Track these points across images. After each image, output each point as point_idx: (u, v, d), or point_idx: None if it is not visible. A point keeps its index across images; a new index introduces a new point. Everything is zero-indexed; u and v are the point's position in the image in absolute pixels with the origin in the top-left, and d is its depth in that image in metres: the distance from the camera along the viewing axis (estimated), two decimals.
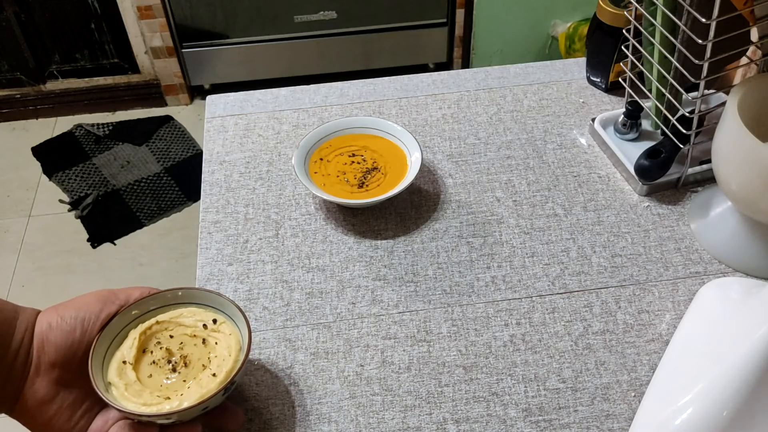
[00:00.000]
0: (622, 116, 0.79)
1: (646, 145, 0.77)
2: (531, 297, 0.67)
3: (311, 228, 0.74)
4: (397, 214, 0.75)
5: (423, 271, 0.70)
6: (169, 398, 0.53)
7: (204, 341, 0.57)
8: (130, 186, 1.95)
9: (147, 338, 0.57)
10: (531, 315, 0.66)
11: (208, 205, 0.77)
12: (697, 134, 0.72)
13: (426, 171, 0.79)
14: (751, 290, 0.60)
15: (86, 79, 2.12)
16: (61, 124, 2.14)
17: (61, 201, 1.92)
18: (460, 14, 2.00)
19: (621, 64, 0.80)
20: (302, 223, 0.74)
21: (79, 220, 1.88)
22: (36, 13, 1.96)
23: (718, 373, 0.53)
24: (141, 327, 0.57)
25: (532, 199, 0.76)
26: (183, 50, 2.04)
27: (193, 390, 0.53)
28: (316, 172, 0.74)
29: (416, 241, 0.72)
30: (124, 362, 0.55)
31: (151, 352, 0.56)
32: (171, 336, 0.57)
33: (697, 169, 0.76)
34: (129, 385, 0.53)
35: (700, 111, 0.71)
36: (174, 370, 0.55)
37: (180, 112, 2.16)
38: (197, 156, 2.01)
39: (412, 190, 0.77)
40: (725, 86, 0.80)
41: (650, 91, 0.77)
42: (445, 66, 2.17)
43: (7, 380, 0.50)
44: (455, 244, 0.72)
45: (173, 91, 2.15)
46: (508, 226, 0.73)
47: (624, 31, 0.77)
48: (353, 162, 0.76)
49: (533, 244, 0.72)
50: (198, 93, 2.21)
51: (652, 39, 0.72)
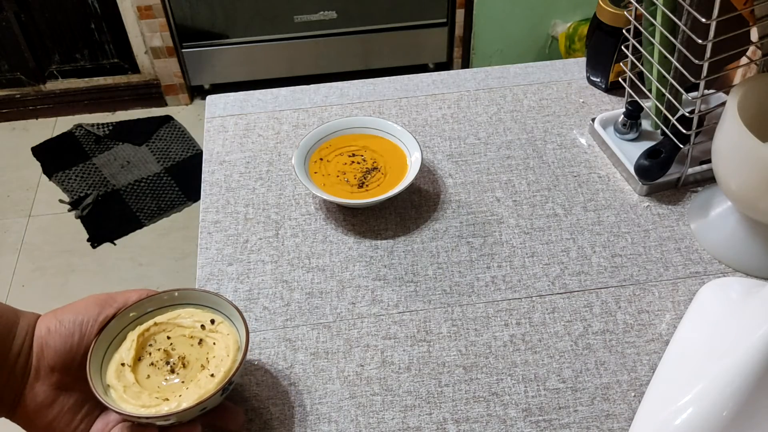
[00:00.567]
0: (622, 116, 0.79)
1: (646, 145, 0.77)
2: (531, 297, 0.67)
3: (311, 228, 0.74)
4: (397, 214, 0.75)
5: (423, 271, 0.70)
6: (167, 399, 0.53)
7: (202, 342, 0.57)
8: (130, 186, 1.95)
9: (145, 340, 0.57)
10: (531, 315, 0.66)
11: (208, 205, 0.77)
12: (697, 134, 0.72)
13: (426, 171, 0.79)
14: (751, 290, 0.60)
15: (86, 79, 2.12)
16: (61, 124, 2.14)
17: (61, 201, 1.92)
18: (460, 14, 2.00)
19: (621, 64, 0.80)
20: (302, 223, 0.74)
21: (79, 220, 1.88)
22: (36, 13, 1.96)
23: (718, 373, 0.53)
24: (139, 329, 0.56)
25: (532, 199, 0.76)
26: (183, 50, 2.04)
27: (192, 391, 0.53)
28: (316, 172, 0.74)
29: (416, 241, 0.72)
30: (122, 364, 0.54)
31: (150, 354, 0.56)
32: (169, 337, 0.57)
33: (697, 169, 0.76)
34: (128, 387, 0.53)
35: (700, 111, 0.71)
36: (172, 371, 0.55)
37: (180, 112, 2.16)
38: (197, 156, 2.01)
39: (412, 190, 0.77)
40: (725, 86, 0.80)
41: (650, 91, 0.77)
42: (445, 66, 2.17)
43: (8, 385, 0.51)
44: (455, 244, 0.72)
45: (173, 91, 2.15)
46: (508, 226, 0.73)
47: (624, 31, 0.77)
48: (353, 162, 0.76)
49: (533, 244, 0.72)
50: (198, 93, 2.21)
51: (652, 39, 0.72)
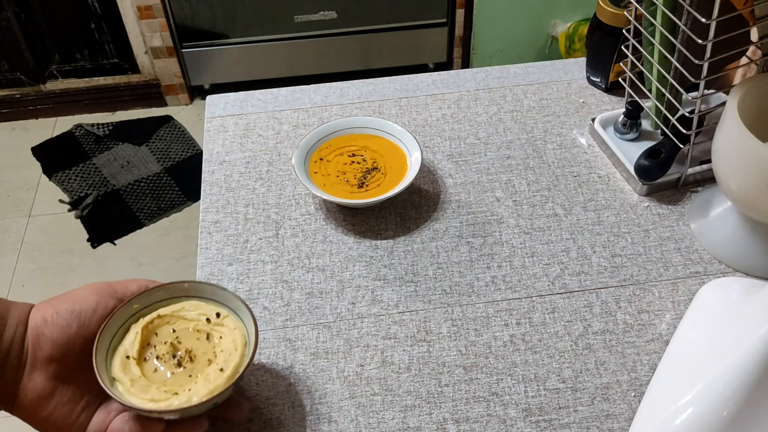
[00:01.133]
0: (622, 116, 0.79)
1: (646, 145, 0.77)
2: (531, 297, 0.67)
3: (311, 228, 0.74)
4: (397, 214, 0.75)
5: (423, 271, 0.70)
6: (176, 394, 0.52)
7: (208, 336, 0.56)
8: (130, 186, 1.95)
9: (149, 333, 0.56)
10: (531, 315, 0.66)
11: (208, 205, 0.77)
12: (697, 134, 0.72)
13: (426, 171, 0.79)
14: (751, 290, 0.60)
15: (86, 79, 2.12)
16: (61, 124, 2.13)
17: (61, 201, 1.92)
18: (460, 14, 2.00)
19: (621, 64, 0.80)
20: (302, 223, 0.74)
21: (79, 220, 1.88)
22: (36, 13, 1.96)
23: (718, 373, 0.53)
24: (142, 321, 0.55)
25: (532, 199, 0.76)
26: (183, 50, 2.04)
27: (201, 385, 0.52)
28: (316, 172, 0.74)
29: (416, 241, 0.72)
30: (127, 357, 0.54)
31: (155, 347, 0.55)
32: (173, 330, 0.56)
33: (697, 169, 0.76)
34: (134, 381, 0.52)
35: (700, 111, 0.71)
36: (179, 364, 0.54)
37: (180, 112, 2.16)
38: (197, 156, 2.01)
39: (412, 190, 0.77)
40: (725, 86, 0.80)
41: (650, 91, 0.77)
42: (445, 66, 2.17)
43: (1, 375, 0.50)
44: (455, 244, 0.72)
45: (173, 91, 2.15)
46: (508, 226, 0.73)
47: (624, 31, 0.77)
48: (353, 162, 0.76)
49: (533, 244, 0.72)
50: (198, 93, 2.21)
51: (652, 39, 0.72)
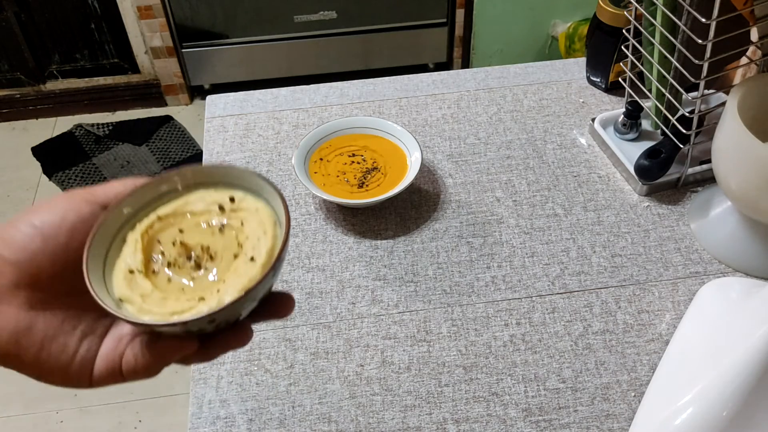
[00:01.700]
0: (622, 116, 0.79)
1: (646, 145, 0.77)
2: (531, 297, 0.67)
3: (311, 228, 0.74)
4: (397, 214, 0.75)
5: (423, 271, 0.70)
6: (203, 299, 0.41)
7: (223, 227, 0.45)
8: None
9: (150, 240, 0.45)
10: (531, 315, 0.66)
11: None
12: (697, 134, 0.72)
13: (426, 171, 0.79)
14: (751, 290, 0.60)
15: (86, 79, 2.12)
16: (61, 124, 2.13)
17: None
18: (460, 14, 2.00)
19: (621, 64, 0.80)
20: (302, 223, 0.74)
21: None
22: (36, 13, 1.96)
23: (718, 373, 0.53)
24: (140, 227, 0.45)
25: (532, 199, 0.76)
26: (183, 50, 2.04)
27: (232, 283, 0.41)
28: (316, 172, 0.74)
29: (416, 241, 0.72)
30: (131, 272, 0.43)
31: (162, 254, 0.44)
32: (181, 230, 0.45)
33: (697, 169, 0.76)
34: (146, 296, 0.42)
35: (700, 111, 0.71)
36: (198, 266, 0.44)
37: (180, 112, 2.16)
38: (197, 156, 2.01)
39: (412, 190, 0.77)
40: (725, 86, 0.80)
41: (650, 91, 0.77)
42: (445, 66, 2.17)
43: None
44: (455, 244, 0.72)
45: (173, 91, 2.15)
46: (508, 226, 0.73)
47: (624, 31, 0.77)
48: (353, 162, 0.76)
49: (533, 244, 0.72)
50: (198, 93, 2.21)
51: (652, 39, 0.72)
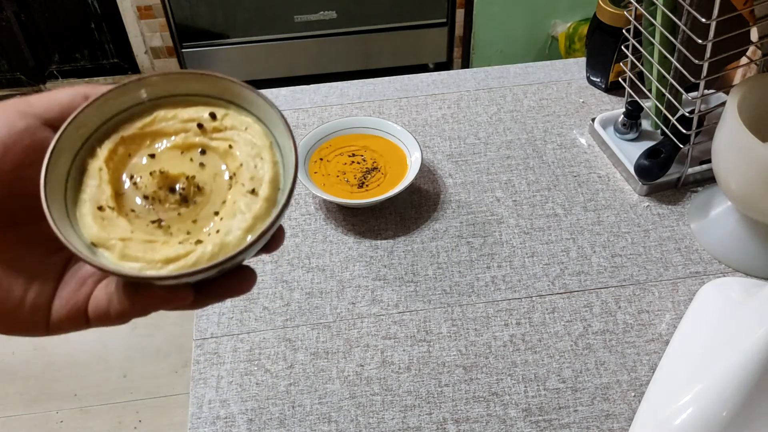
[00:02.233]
0: (622, 116, 0.79)
1: (646, 145, 0.77)
2: (531, 297, 0.67)
3: (311, 228, 0.74)
4: (397, 214, 0.75)
5: (423, 271, 0.70)
6: (200, 242, 0.34)
7: (205, 150, 0.36)
8: None
9: (116, 167, 0.36)
10: (531, 315, 0.66)
11: None
12: (697, 134, 0.72)
13: (426, 171, 0.79)
14: (751, 290, 0.60)
15: (86, 79, 2.12)
16: None
17: None
18: (460, 14, 2.00)
19: (621, 64, 0.80)
20: (302, 223, 0.74)
21: None
22: (36, 13, 1.96)
23: (718, 373, 0.53)
24: (102, 152, 0.35)
25: (532, 199, 0.76)
26: (183, 50, 2.04)
27: (233, 221, 0.34)
28: (316, 172, 0.74)
29: (416, 241, 0.72)
30: (100, 208, 0.34)
31: (135, 185, 0.35)
32: (153, 155, 0.36)
33: (697, 169, 0.76)
34: (128, 240, 0.33)
35: (700, 111, 0.71)
36: (185, 201, 0.35)
37: None
38: None
39: (412, 190, 0.77)
40: (725, 86, 0.80)
41: (650, 91, 0.77)
42: (445, 66, 2.17)
43: None
44: (455, 244, 0.72)
45: None
46: (508, 226, 0.73)
47: (624, 31, 0.77)
48: (353, 162, 0.76)
49: (533, 244, 0.72)
50: None
51: (652, 39, 0.72)
